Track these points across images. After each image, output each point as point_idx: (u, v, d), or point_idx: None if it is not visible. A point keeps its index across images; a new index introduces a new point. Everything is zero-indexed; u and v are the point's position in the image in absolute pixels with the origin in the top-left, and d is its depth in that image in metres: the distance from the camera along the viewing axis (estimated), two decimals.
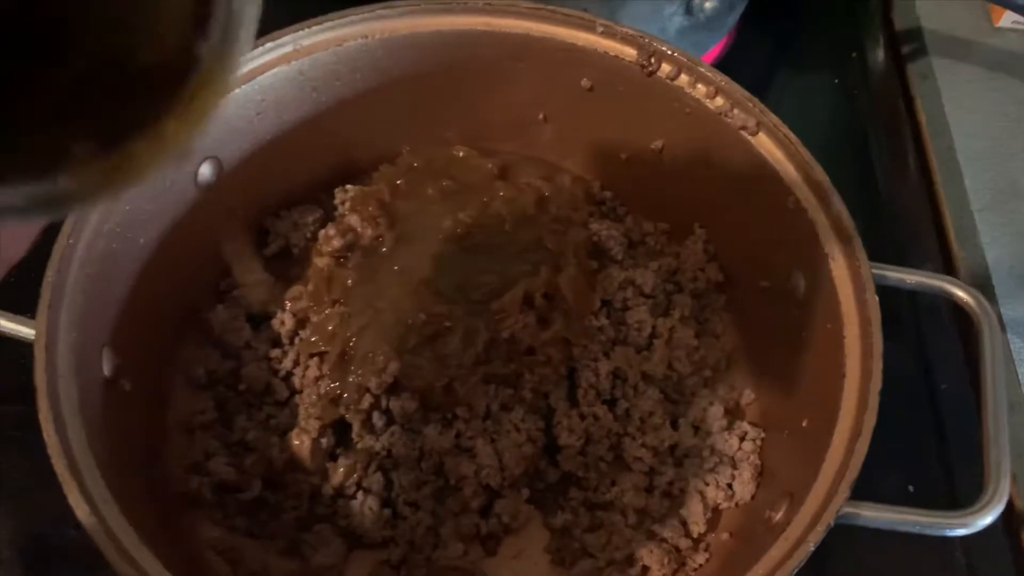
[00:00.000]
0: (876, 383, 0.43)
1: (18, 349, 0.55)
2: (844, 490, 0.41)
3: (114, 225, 0.48)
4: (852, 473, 0.41)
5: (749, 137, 0.53)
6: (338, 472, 0.51)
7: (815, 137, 0.74)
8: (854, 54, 0.80)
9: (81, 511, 0.39)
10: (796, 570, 0.39)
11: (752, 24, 0.77)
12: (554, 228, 0.59)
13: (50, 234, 0.46)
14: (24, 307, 0.46)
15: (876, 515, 0.42)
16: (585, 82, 0.58)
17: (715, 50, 0.75)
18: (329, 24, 0.55)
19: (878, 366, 0.44)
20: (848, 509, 0.41)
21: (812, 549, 0.39)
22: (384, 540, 0.51)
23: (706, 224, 0.59)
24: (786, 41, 0.82)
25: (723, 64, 0.76)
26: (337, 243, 0.57)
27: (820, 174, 0.50)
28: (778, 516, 0.45)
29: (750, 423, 0.54)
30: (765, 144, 0.53)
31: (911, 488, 0.56)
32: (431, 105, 0.61)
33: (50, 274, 0.45)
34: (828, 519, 0.40)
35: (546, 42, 0.57)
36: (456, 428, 0.52)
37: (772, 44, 0.82)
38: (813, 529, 0.40)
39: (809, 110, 0.78)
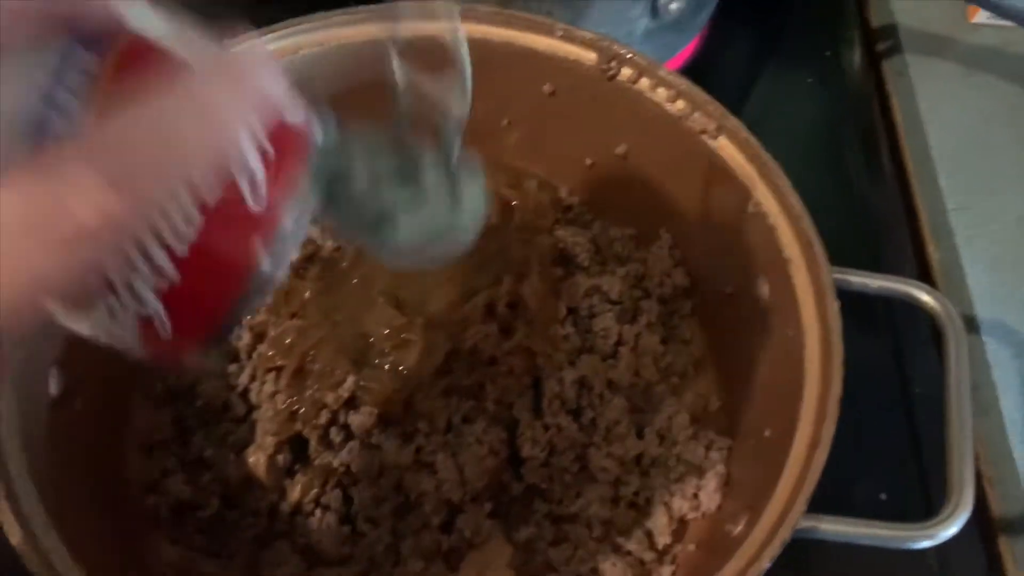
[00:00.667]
0: (836, 392, 0.43)
1: None
2: (801, 504, 0.40)
3: None
4: (809, 486, 0.40)
5: (710, 141, 0.52)
6: (296, 489, 0.50)
7: (789, 137, 0.74)
8: (829, 52, 0.79)
9: (15, 536, 0.38)
10: None
11: (726, 24, 0.76)
12: (519, 236, 0.59)
13: None
14: None
15: (835, 528, 0.41)
16: (547, 87, 0.57)
17: (686, 50, 0.74)
18: (285, 31, 0.54)
19: (838, 374, 0.43)
20: (806, 523, 0.40)
21: (767, 566, 0.38)
22: (343, 557, 0.50)
23: (672, 229, 0.58)
24: (761, 41, 0.81)
25: (697, 64, 0.75)
26: (295, 255, 0.56)
27: (780, 178, 0.49)
28: (737, 529, 0.44)
29: (716, 432, 0.53)
30: (726, 148, 0.52)
31: (883, 496, 0.56)
32: (389, 112, 0.60)
33: None
34: (784, 534, 0.39)
35: (506, 47, 0.56)
36: (416, 442, 0.51)
37: (747, 44, 0.81)
38: (769, 545, 0.39)
39: (785, 109, 0.77)
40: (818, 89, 0.77)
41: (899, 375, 0.61)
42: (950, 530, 0.41)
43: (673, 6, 0.65)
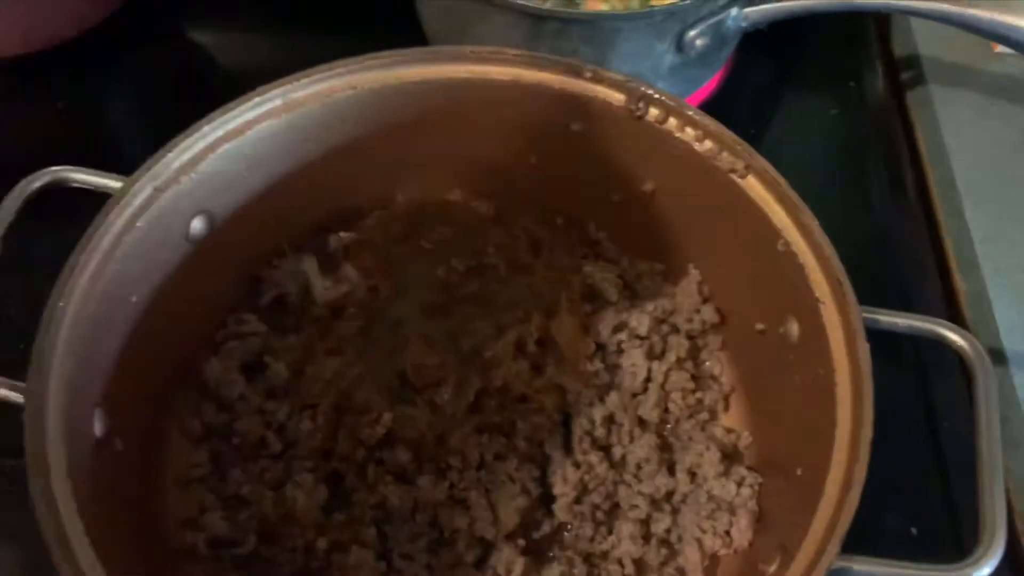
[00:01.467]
0: (867, 433, 0.43)
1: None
2: (835, 545, 0.40)
3: (105, 285, 0.48)
4: (842, 527, 0.40)
5: (738, 180, 0.53)
6: (333, 526, 0.51)
7: (813, 168, 0.75)
8: (852, 83, 0.79)
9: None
10: None
11: (748, 56, 0.77)
12: (548, 274, 0.60)
13: (41, 298, 0.47)
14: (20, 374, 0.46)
15: (869, 569, 0.41)
16: (576, 126, 0.58)
17: (711, 83, 0.75)
18: (318, 76, 0.56)
19: (869, 417, 0.43)
20: (840, 563, 0.40)
21: None
22: None
23: (700, 265, 0.59)
24: (783, 71, 0.82)
25: (720, 96, 0.76)
26: (333, 294, 0.57)
27: (809, 218, 0.50)
28: (771, 569, 0.44)
29: (748, 467, 0.54)
30: (754, 187, 0.52)
31: (914, 531, 0.56)
32: (422, 151, 0.61)
33: (39, 339, 0.45)
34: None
35: (534, 88, 0.57)
36: (450, 479, 0.52)
37: (769, 75, 0.82)
38: None
39: (807, 140, 0.77)
40: (841, 120, 0.78)
41: (926, 409, 0.62)
42: (983, 571, 0.41)
43: (698, 42, 0.66)
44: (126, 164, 0.52)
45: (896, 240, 0.70)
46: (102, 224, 0.49)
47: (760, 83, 0.81)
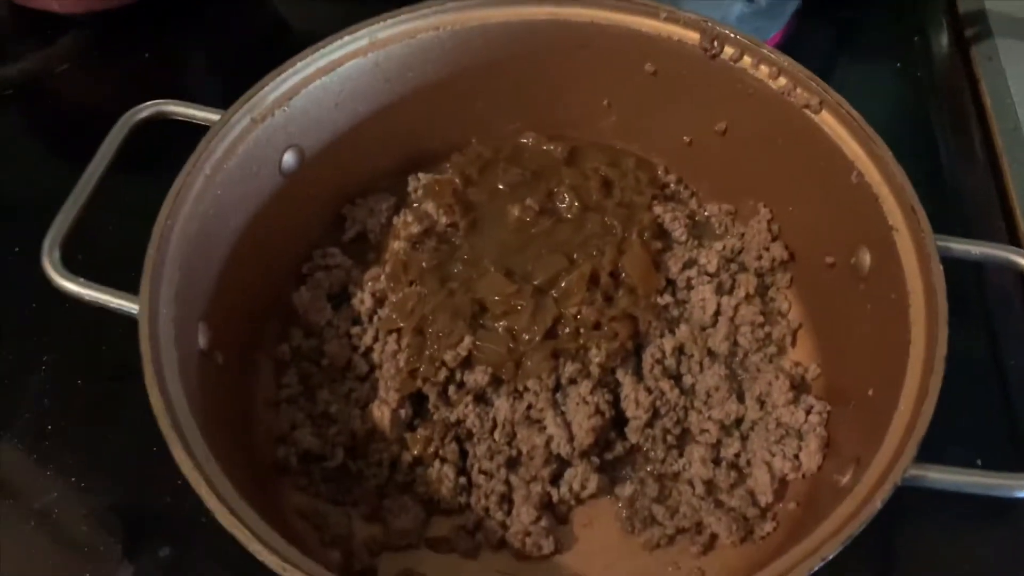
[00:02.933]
0: (942, 348, 0.44)
1: (116, 329, 0.59)
2: (911, 449, 0.41)
3: (207, 207, 0.51)
4: (919, 433, 0.42)
5: (812, 115, 0.54)
6: (416, 442, 0.54)
7: (878, 121, 0.75)
8: (916, 38, 0.80)
9: (185, 465, 0.42)
10: (862, 527, 0.40)
11: (812, 10, 0.78)
12: (619, 212, 0.61)
13: (150, 216, 0.50)
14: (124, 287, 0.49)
15: (942, 477, 0.42)
16: (649, 67, 0.60)
17: (775, 37, 0.76)
18: (403, 17, 0.58)
19: (943, 332, 0.45)
20: (915, 471, 0.42)
21: (879, 506, 0.40)
22: (460, 507, 0.53)
23: (770, 203, 0.60)
24: (847, 27, 0.83)
25: (785, 49, 0.76)
26: (415, 229, 0.59)
27: (883, 149, 0.51)
28: (845, 479, 0.46)
29: (816, 397, 0.55)
30: (828, 121, 0.54)
31: (979, 462, 0.56)
32: (499, 94, 0.63)
33: (151, 251, 0.48)
34: (895, 478, 0.41)
35: (611, 29, 0.59)
36: (527, 400, 0.54)
37: (833, 30, 0.82)
38: (880, 488, 0.40)
39: (872, 95, 0.78)
40: (906, 74, 0.78)
41: (991, 347, 0.62)
42: None
43: None
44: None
45: (961, 191, 0.71)
46: (205, 149, 0.52)
47: (824, 37, 0.82)
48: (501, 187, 0.63)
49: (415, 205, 0.62)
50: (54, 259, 0.49)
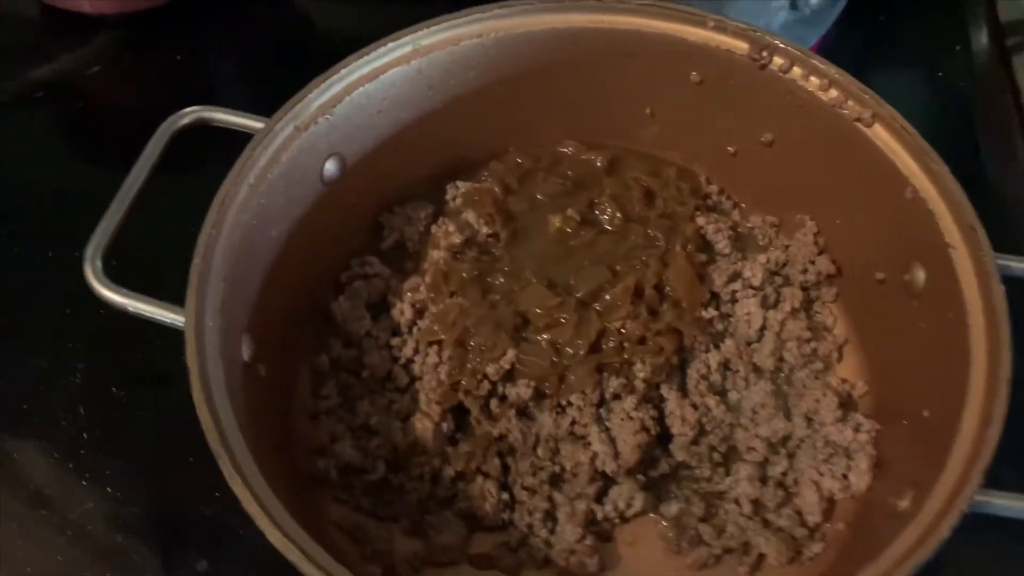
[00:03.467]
0: (1005, 370, 0.43)
1: (152, 338, 0.58)
2: (976, 476, 0.41)
3: (251, 217, 0.51)
4: (984, 460, 0.41)
5: (864, 129, 0.53)
6: (458, 456, 0.53)
7: (920, 130, 0.74)
8: (958, 47, 0.79)
9: (235, 484, 0.41)
10: (929, 558, 0.39)
11: (849, 17, 0.76)
12: (661, 223, 0.60)
13: (194, 226, 0.49)
14: (166, 299, 0.49)
15: (1008, 504, 0.42)
16: (694, 76, 0.59)
17: (814, 45, 0.75)
18: (447, 24, 0.57)
19: (1006, 354, 0.44)
20: (980, 497, 0.41)
21: (946, 535, 0.39)
22: (503, 523, 0.52)
23: (816, 216, 0.59)
24: (884, 34, 0.82)
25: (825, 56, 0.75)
26: (455, 239, 0.58)
27: (939, 164, 0.50)
28: (904, 504, 0.45)
29: (864, 415, 0.54)
30: (881, 135, 0.53)
31: None
32: (540, 101, 0.62)
33: (196, 261, 0.47)
34: (960, 506, 0.40)
35: (657, 38, 0.58)
36: (570, 415, 0.54)
37: (869, 37, 0.81)
38: (947, 515, 0.40)
39: (914, 103, 0.76)
40: (947, 83, 0.77)
41: None
42: None
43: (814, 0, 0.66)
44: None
45: (1005, 200, 0.70)
46: (249, 158, 0.51)
47: (859, 46, 0.80)
48: (541, 197, 0.62)
49: (455, 214, 0.62)
50: (96, 269, 0.49)
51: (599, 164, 0.64)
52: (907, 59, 0.80)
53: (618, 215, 0.61)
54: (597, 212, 0.62)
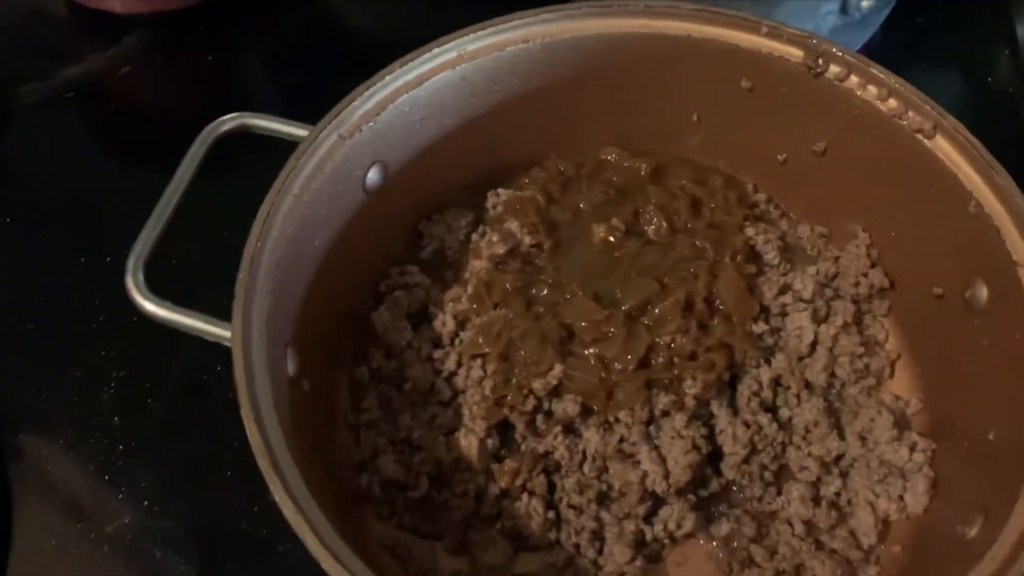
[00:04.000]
0: None
1: (187, 347, 0.57)
2: None
3: (295, 228, 0.49)
4: None
5: (925, 140, 0.51)
6: (503, 473, 0.52)
7: None
8: (1007, 51, 0.77)
9: (287, 508, 0.40)
10: None
11: (891, 21, 0.75)
12: (710, 233, 0.59)
13: (229, 232, 0.48)
14: (203, 308, 0.47)
15: None
16: (745, 83, 0.57)
17: (859, 49, 0.73)
18: (492, 29, 0.56)
19: None
20: None
21: None
22: (549, 543, 0.51)
23: (870, 228, 0.58)
24: (927, 38, 0.80)
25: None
26: (498, 248, 0.57)
27: (1006, 178, 0.49)
28: (973, 532, 0.43)
29: (919, 433, 0.53)
30: (942, 147, 0.51)
31: None
32: (584, 107, 0.61)
33: (242, 275, 0.46)
34: None
35: (707, 43, 0.56)
36: (618, 433, 0.52)
37: (912, 41, 0.79)
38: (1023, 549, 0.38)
39: (959, 111, 0.74)
40: (995, 87, 0.75)
41: None
42: None
43: (864, 4, 0.64)
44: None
45: None
46: (294, 168, 0.50)
47: (905, 50, 0.79)
48: (584, 206, 0.61)
49: (497, 223, 0.60)
50: (139, 282, 0.47)
51: (643, 172, 0.62)
52: (952, 63, 0.78)
53: (664, 225, 0.59)
54: (642, 222, 0.60)
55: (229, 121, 0.53)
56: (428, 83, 0.55)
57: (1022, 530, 0.40)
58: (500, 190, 0.62)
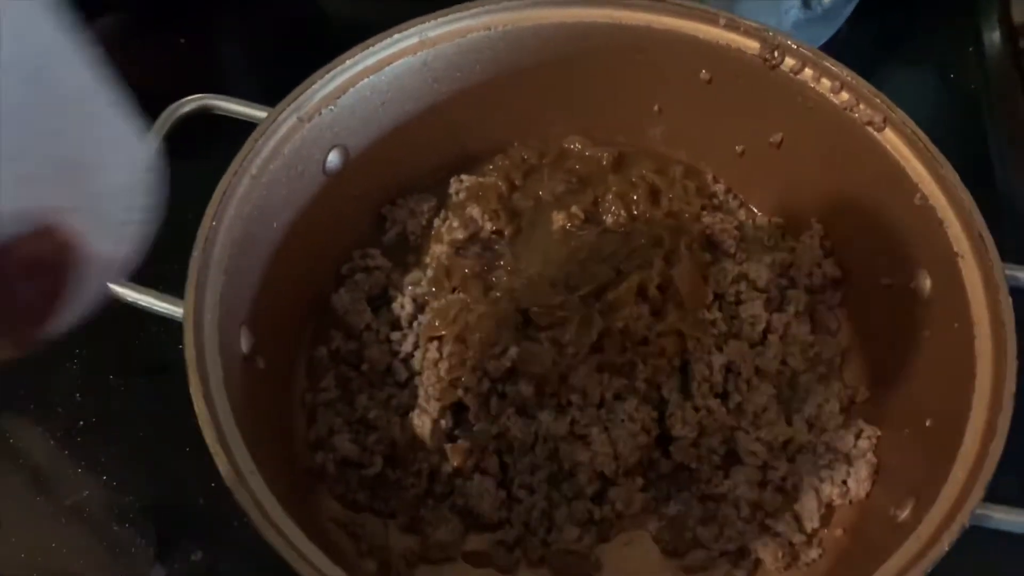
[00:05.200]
0: (1010, 385, 0.43)
1: (150, 325, 0.58)
2: (979, 490, 0.40)
3: (252, 208, 0.50)
4: (986, 474, 0.41)
5: (875, 133, 0.52)
6: (457, 453, 0.52)
7: (931, 131, 0.74)
8: (971, 48, 0.78)
9: (230, 480, 0.41)
10: (930, 568, 0.39)
11: (859, 15, 0.75)
12: (667, 222, 0.60)
13: (193, 214, 0.48)
14: (164, 288, 0.48)
15: (1008, 518, 0.41)
16: (704, 74, 0.58)
17: (823, 43, 0.74)
18: (454, 16, 0.56)
19: (1012, 368, 0.43)
20: (981, 511, 0.41)
21: (947, 549, 0.39)
22: (500, 521, 0.52)
23: (823, 219, 0.59)
24: (894, 34, 0.81)
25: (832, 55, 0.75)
26: (460, 234, 0.58)
27: (950, 171, 0.50)
28: (904, 515, 0.44)
29: (865, 421, 0.54)
30: (891, 140, 0.52)
31: None
32: (547, 96, 0.62)
33: (196, 253, 0.47)
34: (963, 520, 0.40)
35: (668, 35, 0.57)
36: (571, 415, 0.53)
37: (879, 37, 0.80)
38: (947, 529, 0.39)
39: (922, 105, 0.76)
40: (960, 85, 0.76)
41: None
42: None
43: None
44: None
45: (1017, 206, 0.69)
46: (251, 149, 0.50)
47: (868, 46, 0.79)
48: (545, 194, 0.62)
49: (459, 209, 0.61)
50: None
51: (605, 162, 0.63)
52: (918, 59, 0.79)
53: (623, 213, 0.60)
54: (601, 211, 0.61)
55: (191, 102, 0.54)
56: (389, 68, 0.55)
57: (946, 512, 0.41)
58: (463, 176, 0.63)
